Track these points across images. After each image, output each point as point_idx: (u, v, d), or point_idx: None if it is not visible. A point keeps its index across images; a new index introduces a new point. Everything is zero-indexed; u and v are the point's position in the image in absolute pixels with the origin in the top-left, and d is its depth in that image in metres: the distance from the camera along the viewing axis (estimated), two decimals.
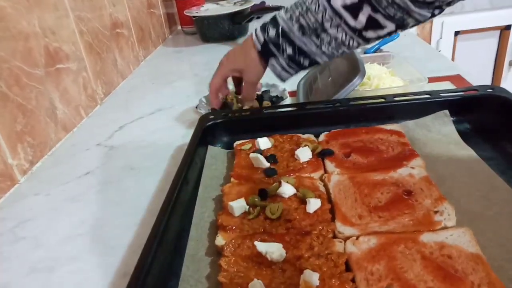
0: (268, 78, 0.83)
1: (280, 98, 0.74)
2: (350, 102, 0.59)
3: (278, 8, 1.08)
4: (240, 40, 1.21)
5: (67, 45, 0.74)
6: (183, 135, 0.67)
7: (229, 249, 0.38)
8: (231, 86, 0.80)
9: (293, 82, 0.77)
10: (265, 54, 0.53)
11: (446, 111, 0.56)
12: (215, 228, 0.42)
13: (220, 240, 0.39)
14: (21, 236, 0.49)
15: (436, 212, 0.40)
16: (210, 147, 0.56)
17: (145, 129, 0.73)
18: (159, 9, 1.29)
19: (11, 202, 0.56)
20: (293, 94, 0.76)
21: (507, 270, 0.34)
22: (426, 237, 0.37)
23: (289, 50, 0.51)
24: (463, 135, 0.53)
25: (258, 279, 0.34)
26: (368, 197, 0.43)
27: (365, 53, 0.89)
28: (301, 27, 0.50)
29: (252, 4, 1.22)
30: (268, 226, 0.40)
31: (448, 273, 0.33)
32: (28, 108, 0.62)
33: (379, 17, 0.46)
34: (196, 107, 0.74)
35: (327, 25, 0.48)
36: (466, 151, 0.50)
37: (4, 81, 0.57)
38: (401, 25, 0.48)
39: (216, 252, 0.40)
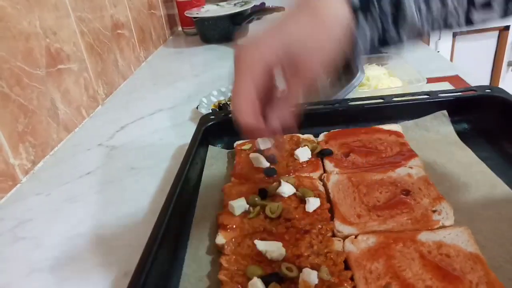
0: None
1: None
2: (349, 102, 0.59)
3: (278, 9, 1.09)
4: (241, 41, 1.21)
5: (68, 45, 0.75)
6: (184, 135, 0.68)
7: (229, 247, 0.38)
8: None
9: None
10: (361, 5, 0.31)
11: (445, 112, 0.56)
12: (216, 227, 0.43)
13: (220, 239, 0.40)
14: (22, 236, 0.49)
15: (434, 211, 0.40)
16: (210, 147, 0.57)
17: (146, 129, 0.73)
18: (159, 10, 1.29)
19: (12, 202, 0.56)
20: None
21: (506, 270, 0.34)
22: (424, 236, 0.37)
23: (387, 9, 0.32)
24: (462, 135, 0.54)
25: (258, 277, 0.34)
26: (367, 197, 0.43)
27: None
28: None
29: (252, 5, 1.23)
30: (268, 225, 0.41)
31: (446, 272, 0.33)
32: (29, 109, 0.62)
33: None
34: (197, 107, 0.75)
35: None
36: (465, 151, 0.51)
37: (5, 82, 0.57)
38: (507, 11, 0.34)
39: (217, 251, 0.40)
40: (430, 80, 0.72)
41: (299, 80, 0.31)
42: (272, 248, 0.36)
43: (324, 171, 0.49)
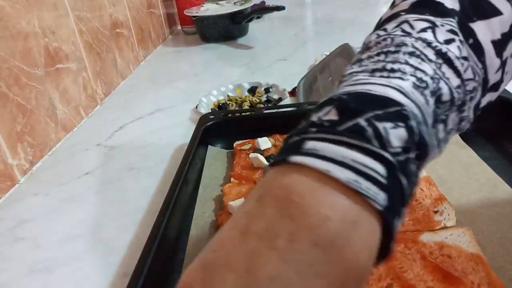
0: (269, 78, 0.84)
1: (280, 99, 0.74)
2: None
3: (278, 8, 1.08)
4: (241, 40, 1.21)
5: (67, 45, 0.74)
6: (183, 135, 0.67)
7: None
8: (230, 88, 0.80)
9: (293, 82, 0.77)
10: (394, 205, 0.17)
11: None
12: (215, 228, 0.42)
13: None
14: (20, 237, 0.49)
15: (436, 212, 0.40)
16: (210, 147, 0.57)
17: (145, 129, 0.73)
18: (159, 9, 1.29)
19: (10, 202, 0.56)
20: (293, 94, 0.76)
21: (508, 270, 0.34)
22: (426, 237, 0.37)
23: (413, 171, 0.18)
24: (463, 135, 0.53)
25: None
26: None
27: None
28: (437, 104, 0.20)
29: (252, 4, 1.22)
30: None
31: (448, 273, 0.33)
32: (28, 108, 0.62)
33: (509, 63, 0.24)
34: (196, 107, 0.74)
35: (467, 89, 0.22)
36: (466, 151, 0.50)
37: (4, 81, 0.57)
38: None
39: None
40: None
41: None
42: None
43: None
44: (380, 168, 0.16)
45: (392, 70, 0.19)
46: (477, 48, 0.22)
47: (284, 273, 0.14)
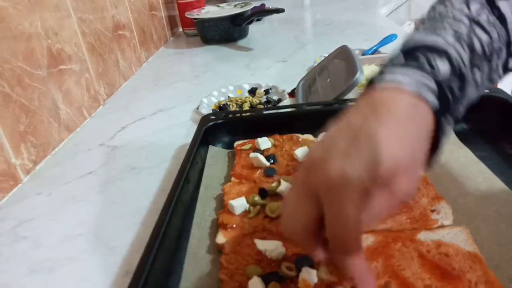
0: (268, 79, 0.84)
1: (279, 100, 0.74)
2: (349, 102, 0.59)
3: (277, 11, 1.09)
4: (241, 42, 1.21)
5: (70, 46, 0.75)
6: (185, 135, 0.68)
7: (229, 247, 0.39)
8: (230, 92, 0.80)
9: (293, 83, 0.78)
10: (444, 112, 0.27)
11: None
12: (216, 226, 0.43)
13: (220, 238, 0.40)
14: (22, 236, 0.49)
15: (433, 210, 0.40)
16: (211, 147, 0.57)
17: (147, 130, 0.73)
18: (160, 12, 1.30)
19: (13, 202, 0.56)
20: (292, 95, 0.77)
21: (505, 269, 0.34)
22: (423, 236, 0.37)
23: (457, 93, 0.28)
24: (460, 135, 0.54)
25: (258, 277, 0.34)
26: None
27: (363, 54, 0.89)
28: (472, 53, 0.28)
29: (252, 6, 1.23)
30: (268, 224, 0.41)
31: (445, 271, 0.33)
32: (30, 109, 0.62)
33: None
34: (197, 108, 0.75)
35: (495, 46, 0.29)
36: (463, 151, 0.51)
37: (7, 82, 0.58)
38: None
39: (217, 250, 0.40)
40: None
41: (391, 199, 0.25)
42: (271, 247, 0.36)
43: None
44: (433, 85, 0.26)
45: (440, 28, 0.29)
46: (501, 17, 0.30)
47: (374, 129, 0.24)
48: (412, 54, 0.28)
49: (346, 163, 0.23)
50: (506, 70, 0.32)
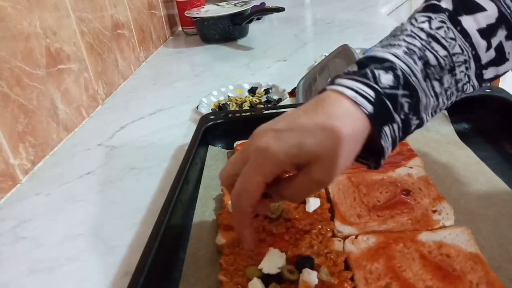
0: (269, 78, 0.84)
1: (279, 99, 0.74)
2: None
3: (278, 9, 1.09)
4: (241, 41, 1.21)
5: (68, 45, 0.75)
6: (184, 135, 0.68)
7: (229, 248, 0.38)
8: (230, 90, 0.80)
9: (293, 83, 0.78)
10: (380, 118, 0.29)
11: (445, 111, 0.56)
12: (216, 227, 0.43)
13: (220, 239, 0.40)
14: (22, 236, 0.49)
15: (434, 211, 0.40)
16: (210, 147, 0.57)
17: (146, 129, 0.73)
18: (160, 11, 1.29)
19: (12, 202, 0.56)
20: (292, 95, 0.76)
21: (507, 270, 0.34)
22: (425, 236, 0.37)
23: (406, 107, 0.30)
24: (462, 135, 0.54)
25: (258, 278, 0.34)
26: (367, 197, 0.43)
27: (364, 53, 0.89)
28: (426, 66, 0.30)
29: (252, 5, 1.23)
30: (267, 225, 0.41)
31: (446, 272, 0.33)
32: (29, 108, 0.62)
33: (508, 46, 0.32)
34: (197, 107, 0.75)
35: (456, 59, 0.31)
36: (465, 151, 0.51)
37: (6, 82, 0.58)
38: None
39: (217, 251, 0.40)
40: None
41: (310, 183, 0.30)
42: (276, 261, 0.35)
43: None
44: (371, 92, 0.29)
45: (393, 45, 0.32)
46: (463, 33, 0.31)
47: (307, 122, 0.29)
48: (363, 65, 0.31)
49: (274, 142, 0.29)
50: (482, 80, 0.33)
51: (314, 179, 0.29)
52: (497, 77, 0.34)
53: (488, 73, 0.33)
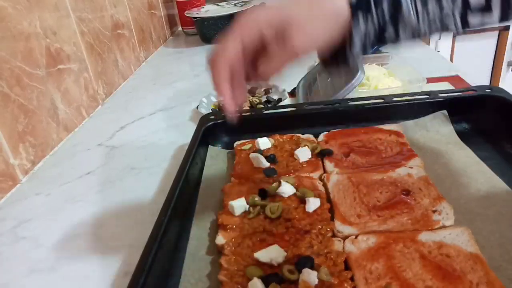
0: None
1: (279, 99, 0.74)
2: (349, 102, 0.59)
3: None
4: None
5: (68, 45, 0.75)
6: (184, 135, 0.68)
7: (229, 248, 0.38)
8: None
9: (293, 83, 0.78)
10: (358, 4, 0.33)
11: (445, 111, 0.56)
12: (216, 227, 0.43)
13: (220, 239, 0.40)
14: (22, 236, 0.49)
15: (434, 211, 0.40)
16: (210, 147, 0.57)
17: (146, 129, 0.73)
18: (160, 11, 1.29)
19: (12, 202, 0.56)
20: (292, 95, 0.77)
21: (506, 269, 0.34)
22: (425, 236, 0.37)
23: (385, 7, 0.33)
24: (462, 135, 0.54)
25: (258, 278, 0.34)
26: (367, 197, 0.43)
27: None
28: None
29: (252, 5, 1.23)
30: (268, 225, 0.41)
31: (446, 272, 0.33)
32: (29, 108, 0.62)
33: None
34: (197, 108, 0.75)
35: None
36: (465, 151, 0.51)
37: (6, 82, 0.57)
38: (506, 15, 0.35)
39: (217, 251, 0.40)
40: (430, 80, 0.72)
41: (285, 52, 0.33)
42: (275, 254, 0.36)
43: (324, 171, 0.49)
44: None
45: None
46: None
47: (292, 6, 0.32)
48: None
49: (259, 10, 0.32)
50: (465, 24, 0.34)
51: (289, 45, 0.32)
52: (481, 25, 0.35)
53: (473, 18, 0.34)
